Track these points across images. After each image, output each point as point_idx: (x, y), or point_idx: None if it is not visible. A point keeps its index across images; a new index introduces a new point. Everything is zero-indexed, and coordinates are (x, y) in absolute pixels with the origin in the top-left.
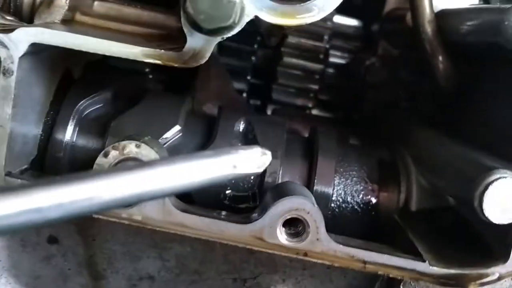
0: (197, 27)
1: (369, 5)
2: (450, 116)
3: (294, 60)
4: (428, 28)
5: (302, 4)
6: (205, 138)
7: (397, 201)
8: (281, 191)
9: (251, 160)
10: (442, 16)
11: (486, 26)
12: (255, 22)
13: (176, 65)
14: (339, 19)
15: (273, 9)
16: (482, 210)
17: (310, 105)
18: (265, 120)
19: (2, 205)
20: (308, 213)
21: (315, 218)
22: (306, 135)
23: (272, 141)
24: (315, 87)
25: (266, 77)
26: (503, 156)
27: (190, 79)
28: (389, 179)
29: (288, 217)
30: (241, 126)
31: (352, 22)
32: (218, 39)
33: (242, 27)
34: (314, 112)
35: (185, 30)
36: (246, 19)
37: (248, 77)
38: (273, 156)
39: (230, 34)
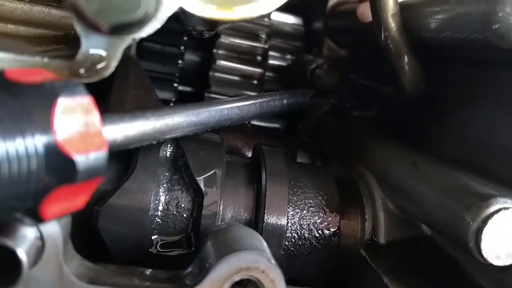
0: (91, 24)
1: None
2: (417, 127)
3: (229, 64)
4: (392, 24)
5: None
6: (123, 168)
7: (363, 232)
8: (224, 241)
9: None
10: (407, 8)
11: (470, 20)
12: (179, 16)
13: (71, 78)
14: (277, 16)
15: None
16: (479, 251)
17: None
18: (197, 141)
19: None
20: (263, 272)
21: (272, 278)
22: (249, 153)
23: (208, 167)
24: (253, 94)
25: (196, 84)
26: (492, 177)
27: (103, 89)
28: (351, 205)
29: (237, 279)
30: (168, 151)
31: (291, 19)
32: (128, 40)
33: (162, 23)
34: (254, 122)
35: (77, 28)
36: (166, 11)
37: (175, 84)
38: (211, 185)
39: (143, 33)
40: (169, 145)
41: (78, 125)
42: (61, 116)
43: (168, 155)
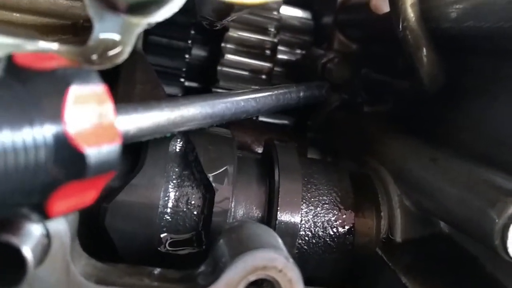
0: (107, 2)
1: None
2: (434, 121)
3: (237, 58)
4: (411, 14)
5: None
6: (131, 163)
7: (379, 230)
8: (238, 238)
9: None
10: None
11: (495, 8)
12: (191, 5)
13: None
14: (286, 10)
15: None
16: (506, 248)
17: None
18: (208, 135)
19: None
20: (281, 271)
21: (290, 277)
22: (260, 149)
23: (219, 162)
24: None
25: (204, 79)
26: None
27: (108, 84)
28: (366, 202)
29: (253, 279)
30: (178, 146)
31: (300, 13)
32: (143, 25)
33: (179, 6)
34: (261, 117)
35: (90, 10)
36: None
37: (182, 80)
38: (222, 181)
39: (159, 17)
40: (179, 140)
41: (90, 116)
42: (72, 105)
43: (178, 150)
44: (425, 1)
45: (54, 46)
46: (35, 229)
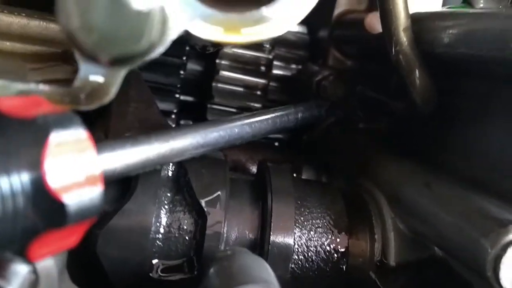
0: (90, 55)
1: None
2: (428, 143)
3: (232, 74)
4: (404, 38)
5: (253, 11)
6: (122, 188)
7: (372, 254)
8: (229, 270)
9: None
10: (419, 21)
11: (487, 37)
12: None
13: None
14: None
15: (211, 19)
16: (498, 279)
17: None
18: (200, 158)
19: None
20: None
21: None
22: (254, 168)
23: (212, 188)
24: (257, 105)
25: (199, 94)
26: (510, 199)
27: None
28: (360, 225)
29: None
30: (170, 170)
31: (296, 27)
32: (127, 69)
33: (166, 47)
34: None
35: (75, 55)
36: (171, 35)
37: (177, 95)
38: (215, 206)
39: (145, 60)
40: (171, 164)
41: (71, 164)
42: (52, 154)
43: (170, 175)
44: (417, 24)
45: (40, 87)
46: (21, 268)
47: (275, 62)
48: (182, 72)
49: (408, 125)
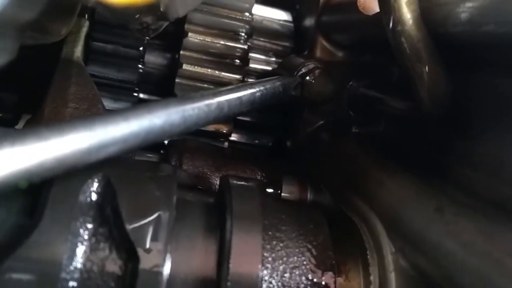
0: None
1: None
2: (437, 152)
3: (199, 69)
4: (407, 14)
5: None
6: (25, 215)
7: None
8: None
9: None
10: None
11: None
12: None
13: None
14: (260, 10)
15: None
16: None
17: (225, 130)
18: (137, 173)
19: None
20: None
21: None
22: (217, 185)
23: (149, 211)
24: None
25: (162, 91)
26: None
27: (36, 103)
28: (350, 262)
29: None
30: (93, 192)
31: (278, 14)
32: None
33: None
34: (234, 137)
35: None
36: None
37: (135, 94)
38: (153, 237)
39: None
40: (95, 182)
41: None
42: None
43: (92, 199)
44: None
45: None
46: None
47: (252, 54)
48: (140, 65)
49: (413, 130)
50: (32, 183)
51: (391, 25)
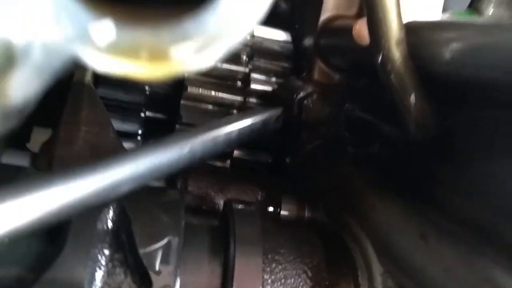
0: None
1: (299, 10)
2: (425, 177)
3: (202, 91)
4: (397, 53)
5: (189, 21)
6: (48, 242)
7: None
8: None
9: None
10: (416, 33)
11: (502, 56)
12: None
13: None
14: (262, 31)
15: (114, 46)
16: None
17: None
18: (148, 201)
19: None
20: None
21: None
22: (221, 206)
23: (159, 237)
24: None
25: (168, 110)
26: None
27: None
28: (343, 279)
29: None
30: (109, 220)
31: (279, 35)
32: None
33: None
34: (235, 154)
35: None
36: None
37: (142, 114)
38: (164, 261)
39: None
40: (111, 211)
41: None
42: None
43: (109, 226)
44: (414, 37)
45: None
46: None
47: (253, 75)
48: (147, 87)
49: (403, 154)
50: None
51: (380, 61)
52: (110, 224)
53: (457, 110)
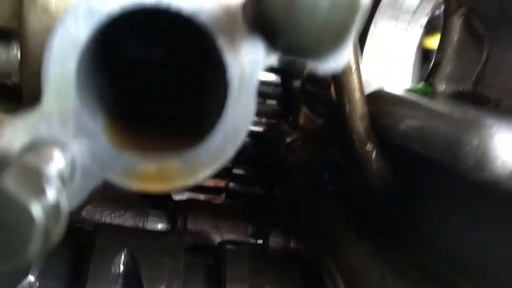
0: None
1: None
2: (388, 224)
3: None
4: (360, 126)
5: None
6: (70, 283)
7: None
8: None
9: None
10: (379, 103)
11: (439, 141)
12: None
13: None
14: None
15: (128, 171)
16: None
17: (222, 184)
18: (152, 246)
19: None
20: None
21: None
22: (218, 238)
23: (163, 280)
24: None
25: None
26: None
27: None
28: None
29: None
30: (121, 265)
31: (268, 76)
32: None
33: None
34: (232, 186)
35: None
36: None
37: None
38: None
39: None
40: (122, 258)
41: None
42: None
43: (121, 271)
44: (377, 106)
45: None
46: None
47: None
48: None
49: (374, 199)
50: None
51: (349, 132)
52: (121, 268)
53: (413, 170)
